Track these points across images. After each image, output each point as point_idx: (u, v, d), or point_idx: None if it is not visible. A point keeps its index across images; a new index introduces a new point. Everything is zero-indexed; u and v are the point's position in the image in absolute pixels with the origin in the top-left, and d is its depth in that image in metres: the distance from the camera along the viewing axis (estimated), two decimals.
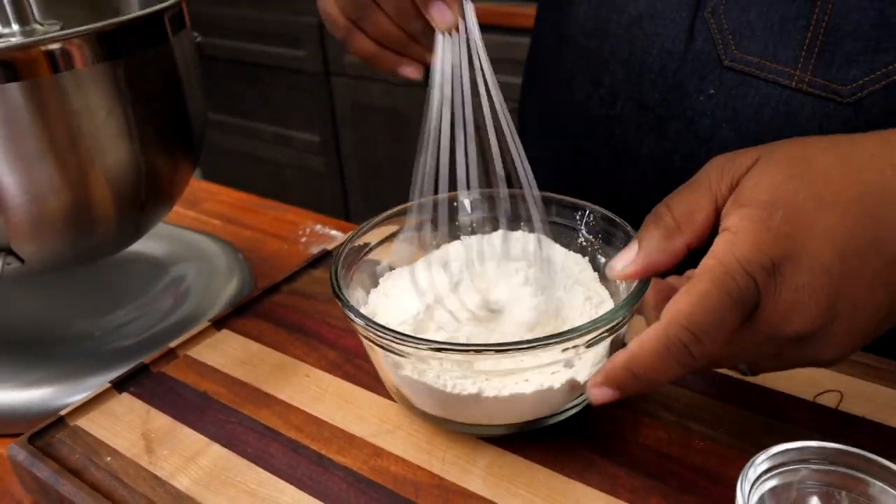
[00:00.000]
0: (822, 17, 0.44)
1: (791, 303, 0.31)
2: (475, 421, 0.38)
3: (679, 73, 0.49)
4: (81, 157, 0.46)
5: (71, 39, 0.43)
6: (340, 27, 0.41)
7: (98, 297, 0.60)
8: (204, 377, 0.46)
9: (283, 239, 0.70)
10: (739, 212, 0.32)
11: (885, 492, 0.30)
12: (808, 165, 0.32)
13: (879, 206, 0.31)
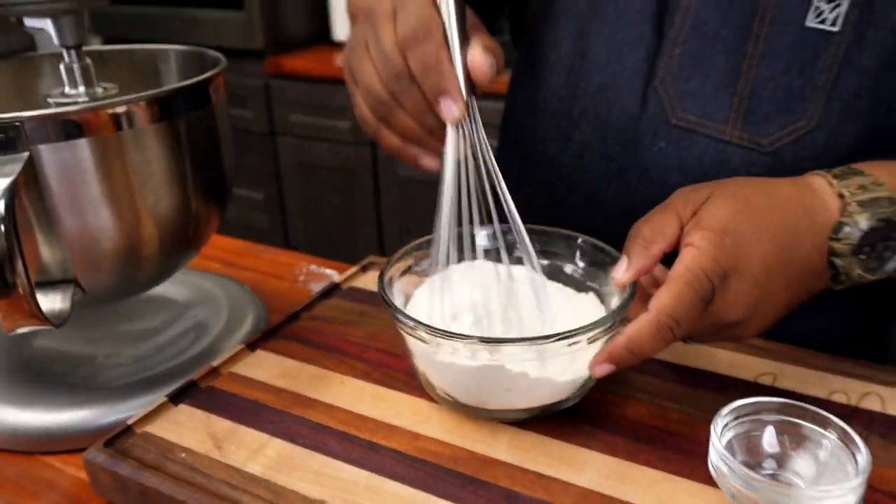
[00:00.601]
0: (746, 87, 0.57)
1: (732, 301, 0.44)
2: (500, 407, 0.48)
3: (636, 130, 0.62)
4: (136, 203, 0.54)
5: (135, 103, 0.51)
6: (371, 125, 0.50)
7: (125, 331, 0.66)
8: (250, 388, 0.53)
9: (282, 279, 0.78)
10: (700, 233, 0.44)
11: (813, 430, 0.41)
12: (747, 204, 0.45)
13: (792, 238, 0.45)
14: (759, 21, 0.57)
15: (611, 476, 0.44)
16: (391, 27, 0.45)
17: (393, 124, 0.48)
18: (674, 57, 0.61)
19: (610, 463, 0.45)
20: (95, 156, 0.51)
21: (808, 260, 0.46)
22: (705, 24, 0.60)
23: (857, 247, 0.46)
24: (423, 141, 0.48)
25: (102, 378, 0.60)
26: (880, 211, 0.46)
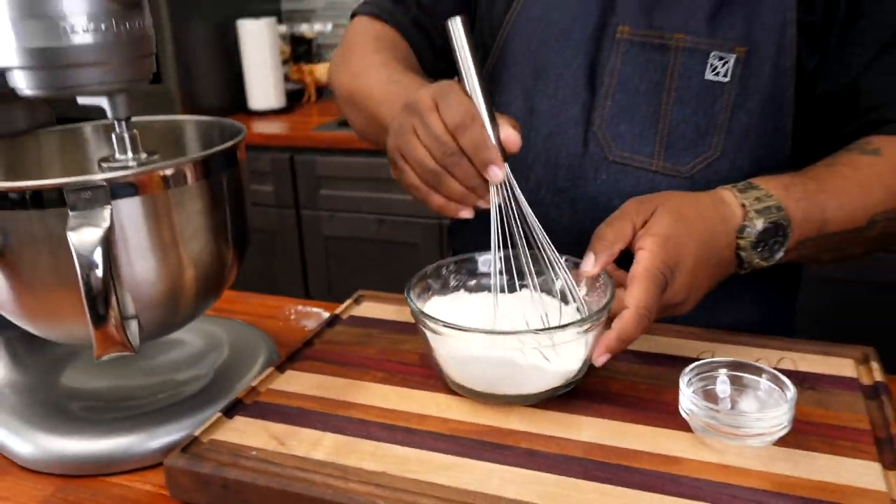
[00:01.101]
0: (664, 128, 0.74)
1: (678, 288, 0.60)
2: (512, 392, 0.60)
3: (581, 167, 0.77)
4: (179, 251, 0.63)
5: (181, 165, 0.61)
6: (421, 191, 0.62)
7: (151, 367, 0.74)
8: (291, 399, 0.63)
9: (275, 319, 0.87)
10: (651, 238, 0.59)
11: (752, 379, 0.56)
12: (681, 215, 0.61)
13: (712, 239, 0.62)
14: (670, 77, 0.75)
15: (605, 431, 0.57)
16: (436, 116, 0.59)
17: (442, 189, 0.61)
18: (605, 108, 0.77)
19: (602, 424, 0.58)
20: (146, 210, 0.60)
21: (722, 253, 0.63)
22: (628, 81, 0.77)
23: (756, 242, 0.63)
24: (466, 200, 0.62)
25: (142, 407, 0.67)
26: (770, 216, 0.63)
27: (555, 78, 0.80)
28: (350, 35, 0.91)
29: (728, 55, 0.73)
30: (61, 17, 0.57)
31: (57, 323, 0.63)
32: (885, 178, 0.68)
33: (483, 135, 0.58)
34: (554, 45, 0.80)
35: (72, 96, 0.62)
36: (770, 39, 0.73)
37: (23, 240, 0.58)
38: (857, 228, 0.67)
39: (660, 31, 0.76)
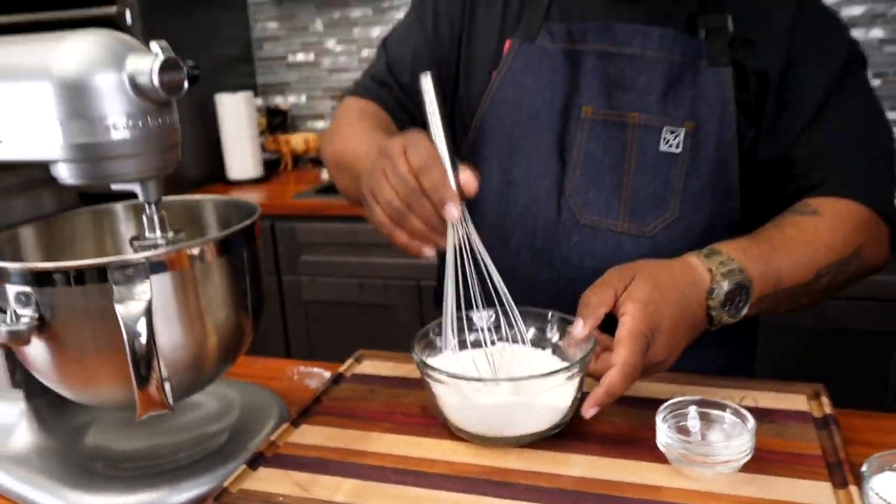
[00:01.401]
0: (627, 194, 0.84)
1: (658, 349, 0.68)
2: (508, 435, 0.67)
3: (556, 231, 0.87)
4: (204, 320, 0.70)
5: (205, 244, 0.69)
6: (387, 227, 0.70)
7: (169, 427, 0.79)
8: (308, 451, 0.70)
9: (279, 380, 0.94)
10: (632, 304, 0.67)
11: (718, 414, 0.65)
12: (657, 282, 0.70)
13: (685, 303, 0.70)
14: (629, 150, 0.86)
15: (592, 467, 0.65)
16: (403, 159, 0.67)
17: (405, 227, 0.69)
18: (575, 179, 0.88)
19: (590, 460, 0.66)
20: (175, 285, 0.67)
21: (696, 314, 0.71)
22: (593, 154, 0.87)
23: (724, 302, 0.72)
24: (425, 238, 0.69)
25: (165, 465, 0.73)
26: (734, 278, 0.72)
27: (528, 153, 0.90)
28: (340, 111, 1.01)
29: (678, 129, 0.85)
30: (104, 117, 0.66)
31: (94, 388, 0.69)
32: (825, 237, 0.78)
33: (442, 176, 0.66)
34: (526, 125, 0.90)
35: (108, 184, 0.69)
36: (713, 115, 0.84)
37: (65, 313, 0.65)
38: (807, 282, 0.77)
39: (618, 111, 0.87)
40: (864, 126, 0.85)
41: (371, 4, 2.51)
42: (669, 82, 0.86)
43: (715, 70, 0.85)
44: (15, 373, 0.77)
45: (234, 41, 2.57)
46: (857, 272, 0.81)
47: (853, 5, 2.13)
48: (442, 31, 0.97)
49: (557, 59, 0.89)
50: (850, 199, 0.81)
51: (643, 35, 0.87)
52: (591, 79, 0.88)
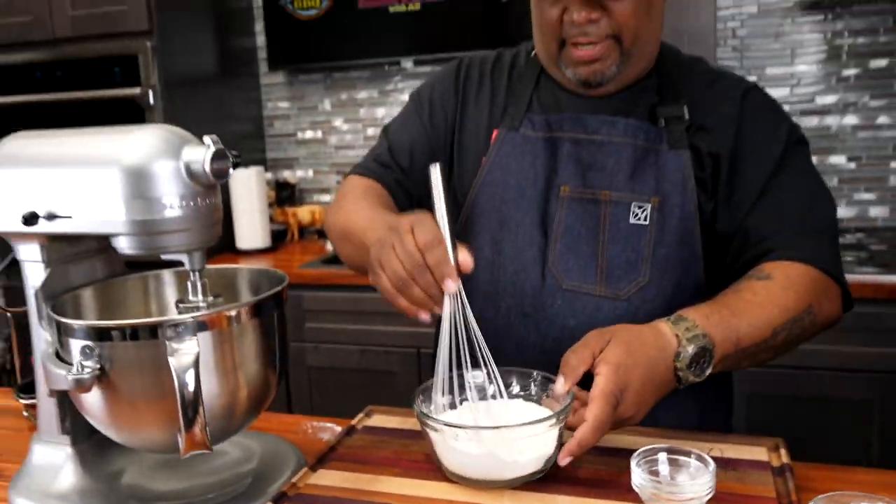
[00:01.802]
0: (603, 262, 0.97)
1: (627, 406, 0.79)
2: (497, 478, 0.77)
3: (541, 295, 0.99)
4: (237, 374, 0.81)
5: (241, 308, 0.81)
6: (392, 295, 0.82)
7: (199, 471, 0.89)
8: (327, 491, 0.79)
9: (294, 433, 1.03)
10: (606, 366, 0.79)
11: (684, 460, 0.75)
12: (629, 346, 0.81)
13: (654, 365, 0.81)
14: (602, 223, 0.99)
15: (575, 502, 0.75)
16: (411, 236, 0.80)
17: (407, 295, 0.81)
18: (556, 249, 1.00)
19: (574, 500, 0.76)
20: (214, 342, 0.78)
21: (663, 375, 0.82)
22: (572, 227, 1.00)
23: (689, 364, 0.83)
24: (424, 304, 0.81)
25: (202, 500, 0.82)
26: (698, 342, 0.83)
27: (515, 227, 1.03)
28: (344, 188, 1.14)
29: (645, 204, 0.98)
30: (161, 198, 0.78)
31: (141, 431, 0.80)
32: (778, 298, 0.90)
33: (444, 255, 0.79)
34: (513, 202, 1.04)
35: (157, 255, 0.81)
36: (676, 191, 0.98)
37: (122, 365, 0.76)
38: (764, 340, 0.88)
39: (592, 189, 1.01)
40: (808, 198, 0.98)
41: (376, 87, 2.70)
42: (635, 164, 1.00)
43: (675, 152, 0.99)
44: (65, 420, 0.88)
45: (247, 119, 2.75)
46: (812, 326, 0.92)
47: (827, 94, 2.31)
48: (437, 121, 1.12)
49: (538, 145, 1.03)
50: (798, 263, 0.93)
51: (610, 124, 1.01)
52: (568, 162, 1.02)
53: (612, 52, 0.97)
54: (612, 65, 0.98)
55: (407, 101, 1.18)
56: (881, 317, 1.76)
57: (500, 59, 1.13)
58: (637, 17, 0.95)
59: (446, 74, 1.15)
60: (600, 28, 0.95)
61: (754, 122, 0.99)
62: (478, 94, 1.11)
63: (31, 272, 0.87)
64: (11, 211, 0.83)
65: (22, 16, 2.43)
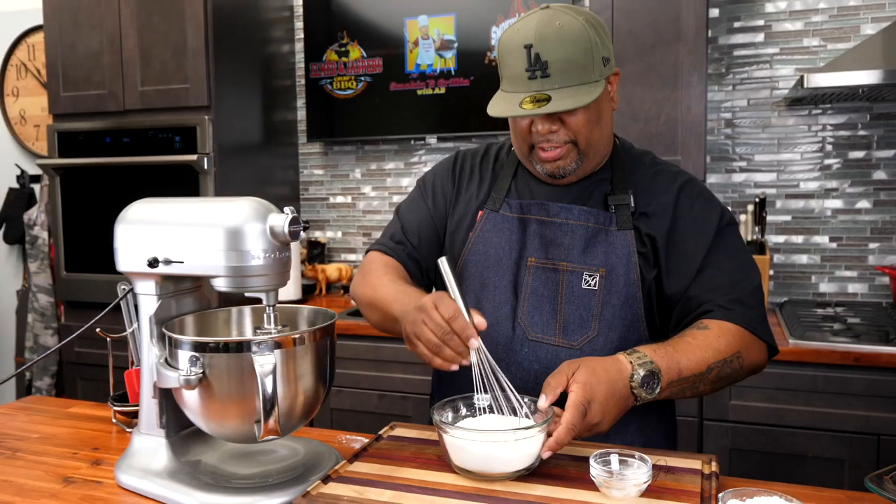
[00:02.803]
0: (560, 318, 1.26)
1: (593, 415, 1.07)
2: (494, 472, 1.04)
3: (511, 344, 1.28)
4: (297, 385, 1.10)
5: (304, 333, 1.10)
6: (428, 358, 1.11)
7: (261, 459, 1.16)
8: (363, 475, 1.07)
9: (331, 442, 1.31)
10: (577, 384, 1.07)
11: (631, 460, 1.02)
12: (594, 371, 1.10)
13: (614, 385, 1.10)
14: (561, 288, 1.28)
15: (550, 490, 1.01)
16: (437, 312, 1.09)
17: (441, 356, 1.10)
18: (524, 307, 1.29)
19: (549, 487, 1.03)
20: (284, 359, 1.07)
21: (622, 392, 1.10)
22: (536, 290, 1.29)
23: (641, 384, 1.10)
24: (455, 360, 1.10)
25: (260, 483, 1.10)
26: (647, 367, 1.11)
27: (493, 289, 1.32)
28: (366, 264, 1.45)
29: (595, 273, 1.27)
30: (249, 250, 1.08)
31: (226, 422, 1.08)
32: (713, 344, 1.17)
33: (465, 322, 1.09)
34: (492, 269, 1.34)
35: (245, 292, 1.11)
36: (621, 262, 1.27)
37: (217, 371, 1.05)
38: (701, 373, 1.15)
39: (552, 261, 1.30)
40: (737, 272, 1.26)
41: (402, 159, 3.04)
42: (587, 241, 1.29)
43: (622, 232, 1.28)
44: (162, 417, 1.16)
45: (285, 183, 3.10)
46: (741, 369, 1.19)
47: (811, 181, 2.61)
48: (438, 203, 1.44)
49: (513, 223, 1.34)
50: (730, 322, 1.21)
51: (567, 210, 1.31)
52: (534, 238, 1.32)
53: (571, 152, 1.27)
54: (572, 162, 1.28)
55: (414, 187, 1.51)
56: (850, 381, 2.01)
57: (488, 152, 1.46)
58: (589, 126, 1.25)
59: (445, 166, 1.48)
60: (559, 136, 1.26)
61: (689, 210, 1.29)
62: (469, 181, 1.43)
63: (145, 303, 1.18)
64: (137, 257, 1.14)
65: (97, 89, 2.83)
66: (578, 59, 1.20)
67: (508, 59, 1.24)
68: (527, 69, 1.21)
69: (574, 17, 1.22)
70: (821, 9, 2.56)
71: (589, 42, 1.21)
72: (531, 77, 1.21)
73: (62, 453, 1.31)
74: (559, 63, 1.20)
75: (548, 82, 1.20)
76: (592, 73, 1.22)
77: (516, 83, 1.23)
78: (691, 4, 2.32)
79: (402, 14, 2.87)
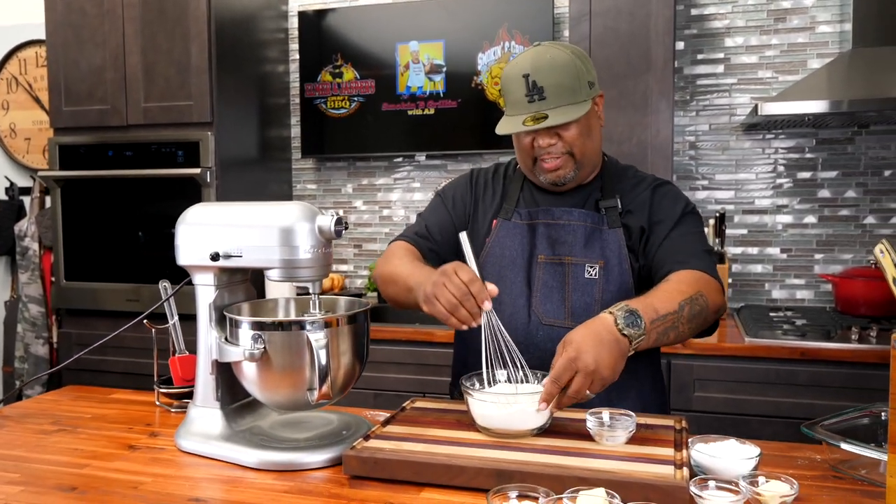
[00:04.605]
0: (569, 304, 1.52)
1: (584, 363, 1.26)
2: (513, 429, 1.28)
3: (528, 328, 1.53)
4: (340, 358, 1.32)
5: (343, 316, 1.33)
6: (443, 315, 1.34)
7: (306, 425, 1.38)
8: (396, 434, 1.29)
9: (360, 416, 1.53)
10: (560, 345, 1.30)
11: (619, 417, 1.27)
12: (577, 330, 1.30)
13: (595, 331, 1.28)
14: (567, 279, 1.53)
15: (556, 441, 1.25)
16: (456, 276, 1.32)
17: (457, 315, 1.33)
18: (538, 298, 1.54)
19: (555, 440, 1.26)
20: (330, 336, 1.30)
21: (610, 336, 1.27)
22: (547, 282, 1.54)
23: (625, 322, 1.30)
24: (470, 320, 1.33)
25: (308, 444, 1.31)
26: (626, 309, 1.30)
27: (510, 285, 1.57)
28: (391, 248, 1.68)
29: (595, 264, 1.53)
30: (300, 246, 1.31)
31: (281, 391, 1.30)
32: (675, 287, 1.39)
33: (482, 286, 1.31)
34: (508, 268, 1.59)
35: (294, 282, 1.34)
36: (614, 256, 1.53)
37: (274, 346, 1.27)
38: (675, 311, 1.37)
39: (559, 256, 1.56)
40: (694, 242, 1.52)
41: (391, 175, 3.28)
42: (586, 238, 1.55)
43: (613, 230, 1.55)
44: (218, 390, 1.38)
45: (280, 196, 3.31)
46: (706, 306, 1.41)
47: (765, 198, 2.91)
48: (458, 212, 1.69)
49: (523, 229, 1.60)
50: (688, 269, 1.45)
51: (568, 213, 1.58)
52: (542, 239, 1.58)
53: (569, 162, 1.54)
54: (570, 171, 1.55)
55: (433, 198, 1.76)
56: (797, 373, 2.29)
57: (498, 170, 1.72)
58: (581, 139, 1.52)
59: (464, 181, 1.73)
60: (558, 148, 1.52)
61: (660, 205, 1.56)
62: (484, 195, 1.68)
63: (203, 292, 1.39)
64: (198, 252, 1.36)
65: (100, 104, 3.02)
66: (568, 82, 1.48)
67: (510, 87, 1.51)
68: (526, 94, 1.48)
69: (562, 49, 1.51)
70: (773, 44, 2.88)
71: (576, 69, 1.49)
72: (530, 101, 1.48)
73: (119, 428, 1.51)
74: (552, 87, 1.47)
75: (544, 104, 1.47)
76: (580, 93, 1.49)
77: (518, 107, 1.50)
78: (660, 38, 2.62)
79: (393, 39, 3.13)
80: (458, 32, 3.07)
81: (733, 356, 2.33)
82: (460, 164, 3.17)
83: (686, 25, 2.96)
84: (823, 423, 1.18)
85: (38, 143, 3.83)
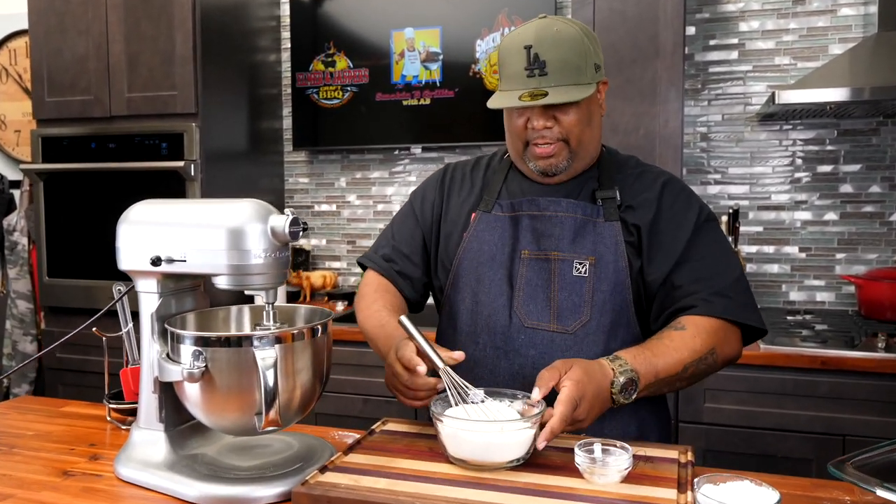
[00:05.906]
0: (554, 305, 1.33)
1: (581, 410, 1.13)
2: (487, 461, 1.10)
3: (509, 332, 1.34)
4: (295, 379, 1.14)
5: (303, 329, 1.15)
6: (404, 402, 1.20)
7: (258, 452, 1.21)
8: (360, 466, 1.12)
9: (324, 437, 1.36)
10: (570, 381, 1.13)
11: (612, 448, 1.09)
12: (585, 371, 1.16)
13: (599, 387, 1.17)
14: (553, 276, 1.35)
15: (538, 478, 1.07)
16: (399, 367, 1.18)
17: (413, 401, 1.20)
18: (520, 297, 1.35)
19: (536, 475, 1.08)
20: (284, 353, 1.12)
21: (604, 395, 1.16)
22: (531, 280, 1.36)
23: (620, 390, 1.17)
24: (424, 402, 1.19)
25: (258, 474, 1.14)
26: (627, 374, 1.18)
27: (489, 282, 1.39)
28: (362, 286, 1.54)
29: (585, 261, 1.34)
30: (251, 250, 1.13)
31: (227, 414, 1.12)
32: (688, 343, 1.24)
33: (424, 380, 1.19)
34: (487, 264, 1.40)
35: (245, 290, 1.16)
36: (609, 251, 1.34)
37: (218, 365, 1.10)
38: (678, 374, 1.23)
39: (544, 252, 1.37)
40: (718, 263, 1.33)
41: (387, 168, 3.10)
42: (575, 231, 1.37)
43: (609, 223, 1.36)
44: (161, 411, 1.21)
45: (270, 191, 3.14)
46: (714, 363, 1.27)
47: (782, 193, 2.71)
48: (426, 213, 1.52)
49: (505, 221, 1.41)
50: (708, 317, 1.28)
51: (555, 203, 1.39)
52: (526, 232, 1.39)
53: (563, 150, 1.36)
54: (563, 160, 1.37)
55: (406, 200, 1.61)
56: (817, 384, 2.09)
57: (479, 162, 1.55)
58: (580, 126, 1.34)
59: (434, 179, 1.57)
60: (553, 133, 1.34)
61: (671, 206, 1.37)
62: (460, 188, 1.51)
63: (146, 300, 1.22)
64: (139, 256, 1.19)
65: (83, 95, 2.86)
66: (573, 60, 1.30)
67: (509, 59, 1.34)
68: (526, 68, 1.31)
69: (570, 24, 1.34)
70: (791, 29, 2.67)
71: (583, 47, 1.32)
72: (529, 75, 1.31)
73: (59, 449, 1.35)
74: (556, 62, 1.29)
75: (545, 80, 1.30)
76: (585, 75, 1.32)
77: (515, 81, 1.32)
78: (669, 22, 2.42)
79: (388, 26, 2.94)
80: (456, 19, 2.88)
81: (747, 365, 2.13)
82: (458, 157, 2.98)
83: (697, 9, 2.75)
84: (854, 462, 1.00)
85: (28, 135, 3.67)
